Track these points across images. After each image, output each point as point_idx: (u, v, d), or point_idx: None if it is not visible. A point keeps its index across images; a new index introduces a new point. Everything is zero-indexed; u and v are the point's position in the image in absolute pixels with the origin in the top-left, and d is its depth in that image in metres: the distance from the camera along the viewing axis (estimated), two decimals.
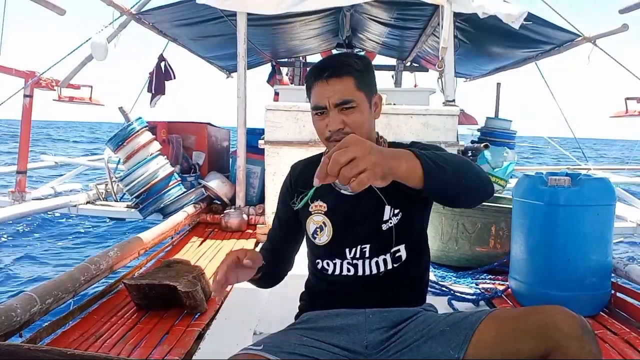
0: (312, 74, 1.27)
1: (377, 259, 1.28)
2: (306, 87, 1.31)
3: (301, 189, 1.37)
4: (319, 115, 1.27)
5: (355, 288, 1.29)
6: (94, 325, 2.01)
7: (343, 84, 1.22)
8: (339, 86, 1.22)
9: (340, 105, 1.22)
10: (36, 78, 4.63)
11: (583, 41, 4.50)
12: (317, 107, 1.26)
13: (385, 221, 1.27)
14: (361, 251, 1.28)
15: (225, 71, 7.46)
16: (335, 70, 1.23)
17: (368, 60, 1.32)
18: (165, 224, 3.32)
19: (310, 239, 1.36)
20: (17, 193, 4.64)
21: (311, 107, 1.28)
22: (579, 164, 7.07)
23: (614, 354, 1.83)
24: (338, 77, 1.22)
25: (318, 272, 1.35)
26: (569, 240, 2.17)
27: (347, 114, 1.23)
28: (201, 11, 4.30)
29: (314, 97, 1.27)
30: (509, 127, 5.20)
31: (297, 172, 1.43)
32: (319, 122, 1.27)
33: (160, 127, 4.60)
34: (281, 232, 1.46)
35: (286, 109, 3.64)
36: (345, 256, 1.29)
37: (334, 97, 1.22)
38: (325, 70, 1.24)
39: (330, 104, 1.23)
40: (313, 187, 0.95)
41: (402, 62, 7.81)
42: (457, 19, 4.29)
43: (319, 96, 1.24)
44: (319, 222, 1.33)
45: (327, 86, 1.23)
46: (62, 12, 4.26)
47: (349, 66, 1.23)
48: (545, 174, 2.28)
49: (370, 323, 1.25)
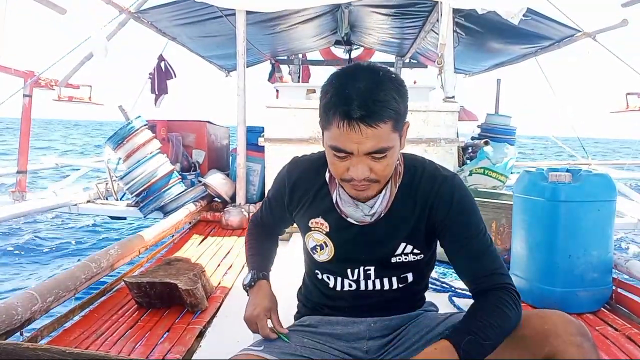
0: (338, 109, 0.99)
1: (381, 280, 1.21)
2: (323, 113, 1.04)
3: (298, 199, 1.24)
4: (338, 156, 1.04)
5: (357, 301, 1.23)
6: (95, 324, 2.01)
7: (379, 130, 0.98)
8: (373, 133, 0.98)
9: (371, 154, 1.02)
10: (35, 78, 4.63)
11: (583, 36, 4.48)
12: (340, 150, 1.03)
13: (396, 255, 1.18)
14: (365, 272, 1.20)
15: (225, 70, 7.46)
16: (371, 114, 0.97)
17: (403, 83, 1.06)
18: (166, 222, 3.32)
19: (309, 252, 1.26)
20: (17, 192, 4.64)
21: (328, 143, 1.05)
22: (578, 158, 7.06)
23: (615, 350, 1.83)
24: (374, 122, 0.98)
25: (318, 282, 1.27)
26: (569, 236, 2.16)
27: (377, 161, 1.03)
28: (200, 9, 4.29)
29: (335, 137, 1.02)
30: (509, 123, 5.20)
31: (294, 178, 1.25)
32: (338, 162, 1.05)
33: (160, 126, 4.59)
34: (274, 220, 1.39)
35: (286, 106, 3.64)
36: (347, 275, 1.21)
37: (366, 145, 0.99)
38: (358, 110, 0.97)
39: (359, 152, 1.01)
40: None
41: (401, 59, 7.79)
42: (456, 15, 4.27)
43: (345, 140, 1.00)
44: (320, 240, 1.21)
45: (359, 131, 0.98)
46: (62, 12, 4.26)
47: (388, 108, 0.99)
48: (545, 170, 2.27)
49: (372, 331, 1.24)
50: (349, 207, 1.15)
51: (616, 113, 5.38)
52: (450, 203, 1.14)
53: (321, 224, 1.20)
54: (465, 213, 1.15)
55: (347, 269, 1.21)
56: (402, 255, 1.18)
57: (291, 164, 1.28)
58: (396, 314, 1.25)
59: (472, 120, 6.34)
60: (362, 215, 1.14)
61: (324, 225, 1.20)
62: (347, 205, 1.15)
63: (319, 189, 1.21)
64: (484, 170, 4.35)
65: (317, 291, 1.29)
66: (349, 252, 1.20)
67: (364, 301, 1.23)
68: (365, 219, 1.15)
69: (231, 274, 2.75)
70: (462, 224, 1.14)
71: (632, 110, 5.10)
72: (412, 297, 1.28)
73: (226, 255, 3.13)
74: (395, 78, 1.03)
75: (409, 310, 1.26)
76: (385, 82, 1.01)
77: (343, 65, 1.15)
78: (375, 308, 1.23)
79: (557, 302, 2.13)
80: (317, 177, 1.21)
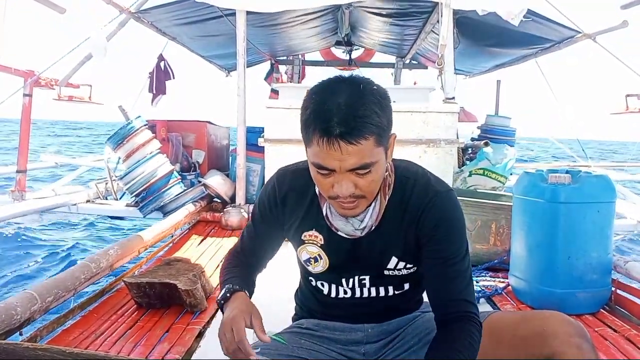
0: (317, 126, 0.96)
1: (377, 288, 1.20)
2: (304, 130, 1.00)
3: (290, 212, 1.19)
4: (321, 173, 1.01)
5: (354, 309, 1.22)
6: (94, 324, 2.00)
7: (360, 147, 0.95)
8: (354, 149, 0.95)
9: (354, 170, 0.98)
10: (35, 77, 4.62)
11: (583, 38, 4.49)
12: (322, 168, 0.99)
13: (388, 269, 1.17)
14: (360, 282, 1.19)
15: (225, 70, 7.46)
16: (351, 131, 0.94)
17: (386, 94, 1.01)
18: (165, 222, 3.32)
19: (302, 263, 1.23)
20: (17, 192, 4.64)
21: (310, 160, 1.01)
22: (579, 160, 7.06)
23: (615, 352, 1.83)
24: (355, 139, 0.94)
25: (312, 288, 1.26)
26: (569, 237, 2.16)
27: (362, 176, 0.99)
28: (200, 10, 4.29)
29: (317, 154, 0.98)
30: (509, 124, 5.20)
31: (285, 190, 1.19)
32: (322, 179, 1.02)
33: (159, 126, 4.59)
34: (258, 245, 1.27)
35: (286, 106, 3.64)
36: (342, 284, 1.20)
37: (348, 162, 0.96)
38: (337, 127, 0.93)
39: (342, 169, 0.98)
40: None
41: (402, 60, 7.80)
42: (457, 16, 4.28)
43: (326, 158, 0.97)
44: (314, 253, 1.19)
45: (338, 149, 0.95)
46: (62, 11, 4.26)
47: (369, 124, 0.95)
48: (545, 172, 2.27)
49: (370, 337, 1.23)
50: (339, 221, 1.12)
51: (616, 115, 5.38)
52: (437, 220, 1.10)
53: (315, 237, 1.18)
54: (451, 234, 1.11)
55: (342, 278, 1.20)
56: (395, 270, 1.17)
57: (279, 176, 1.22)
58: (394, 319, 1.24)
59: (472, 121, 6.35)
60: (352, 230, 1.12)
61: (318, 237, 1.17)
62: (337, 219, 1.13)
63: (310, 202, 1.17)
64: (483, 171, 4.36)
65: (312, 297, 1.28)
66: (342, 264, 1.18)
67: (360, 309, 1.22)
68: (356, 233, 1.13)
69: None
70: (445, 245, 1.11)
71: (631, 112, 5.10)
72: (409, 302, 1.27)
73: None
74: (376, 90, 0.99)
75: (406, 314, 1.26)
76: (366, 95, 0.97)
77: (343, 66, 1.11)
78: (372, 315, 1.22)
79: (556, 303, 2.13)
80: (307, 189, 1.17)
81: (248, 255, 1.29)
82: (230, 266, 1.28)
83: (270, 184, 1.22)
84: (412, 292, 1.24)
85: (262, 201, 1.23)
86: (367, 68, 8.28)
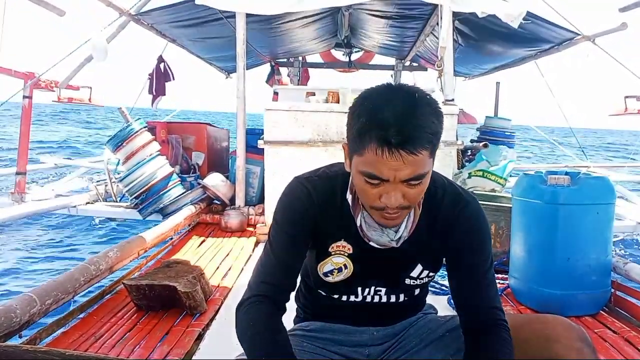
0: (375, 133, 0.91)
1: (389, 296, 1.19)
2: (356, 137, 0.95)
3: (320, 221, 1.11)
4: (371, 183, 0.97)
5: (360, 312, 1.21)
6: (94, 326, 2.00)
7: (419, 157, 0.92)
8: (412, 160, 0.92)
9: (407, 181, 0.95)
10: (35, 79, 4.63)
11: (582, 40, 4.50)
12: (374, 177, 0.95)
13: (411, 277, 1.16)
14: (375, 291, 1.18)
15: (225, 72, 7.47)
16: (411, 140, 0.91)
17: (438, 104, 0.99)
18: (165, 224, 3.32)
19: (319, 275, 1.16)
20: (16, 194, 4.64)
21: (360, 169, 0.97)
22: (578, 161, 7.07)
23: (614, 353, 1.83)
24: (415, 149, 0.91)
25: (319, 293, 1.22)
26: (568, 239, 2.17)
27: (412, 187, 0.96)
28: (200, 12, 4.30)
29: (370, 163, 0.94)
30: (508, 126, 5.21)
31: (315, 198, 1.11)
32: (370, 189, 0.97)
33: (159, 128, 4.60)
34: (291, 260, 1.12)
35: (285, 109, 3.65)
36: (357, 293, 1.18)
37: (404, 172, 0.93)
38: (398, 136, 0.90)
39: (395, 179, 0.94)
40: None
41: (401, 62, 7.81)
42: (456, 18, 4.28)
43: (382, 167, 0.93)
44: (339, 263, 1.14)
45: (399, 158, 0.91)
46: (61, 13, 4.27)
47: (429, 133, 0.92)
48: (544, 173, 2.28)
49: (375, 339, 1.23)
50: (374, 231, 1.09)
51: (615, 116, 5.39)
52: (469, 229, 1.11)
53: (343, 247, 1.13)
54: (482, 242, 1.12)
55: (357, 288, 1.18)
56: (417, 279, 1.17)
57: (305, 185, 1.12)
58: (399, 322, 1.24)
59: (471, 123, 6.36)
60: (387, 240, 1.09)
61: (347, 247, 1.13)
62: (371, 229, 1.09)
63: (340, 212, 1.12)
64: (482, 173, 4.37)
65: (317, 301, 1.25)
66: (366, 275, 1.16)
67: (367, 313, 1.21)
68: (391, 243, 1.10)
69: (230, 276, 2.74)
70: (477, 253, 1.12)
71: (630, 113, 5.11)
72: (417, 307, 1.28)
73: (225, 257, 3.13)
74: (431, 100, 0.97)
75: (411, 316, 1.26)
76: (423, 105, 0.94)
77: (343, 69, 1.09)
78: (379, 318, 1.22)
79: (556, 305, 2.13)
80: (336, 198, 1.12)
81: (281, 287, 1.12)
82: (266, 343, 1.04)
83: (298, 191, 1.12)
84: (420, 297, 1.25)
85: (291, 209, 1.12)
86: (367, 70, 8.30)
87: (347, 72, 8.22)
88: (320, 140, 3.62)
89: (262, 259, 1.14)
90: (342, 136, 3.61)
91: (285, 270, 1.11)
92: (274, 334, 1.05)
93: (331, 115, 3.61)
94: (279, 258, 1.11)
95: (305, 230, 1.11)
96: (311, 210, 1.10)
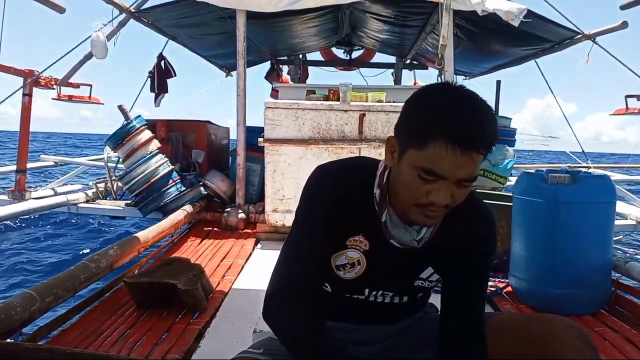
0: (447, 130, 0.91)
1: (393, 297, 1.18)
2: (422, 131, 0.94)
3: (343, 213, 1.09)
4: (425, 179, 0.95)
5: (363, 311, 1.20)
6: (94, 324, 2.00)
7: (479, 159, 0.94)
8: (474, 160, 0.93)
9: (462, 182, 0.95)
10: (35, 77, 4.62)
11: (583, 39, 4.49)
12: (432, 174, 0.94)
13: (420, 279, 1.16)
14: (382, 295, 1.17)
15: (225, 69, 7.45)
16: (482, 141, 0.92)
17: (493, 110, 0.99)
18: (165, 222, 3.32)
19: (332, 266, 1.14)
20: (16, 192, 4.63)
21: (417, 164, 0.94)
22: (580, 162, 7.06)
23: (615, 352, 1.83)
24: (483, 150, 0.93)
25: (324, 289, 1.19)
26: (569, 238, 2.17)
27: (462, 188, 0.96)
28: (200, 9, 4.29)
29: (433, 159, 0.93)
30: (508, 124, 5.20)
31: (343, 188, 1.10)
32: (421, 185, 0.96)
33: (159, 125, 4.59)
34: (316, 264, 1.10)
35: (286, 106, 3.64)
36: (363, 293, 1.17)
37: (463, 171, 0.93)
38: (475, 136, 0.91)
39: (453, 178, 0.94)
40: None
41: (402, 60, 7.80)
42: (457, 17, 4.28)
43: (445, 164, 0.92)
44: (354, 258, 1.12)
45: (469, 157, 0.92)
46: (62, 11, 4.26)
47: (493, 137, 0.95)
48: (545, 172, 2.28)
49: (377, 337, 1.23)
50: (397, 229, 1.07)
51: (616, 115, 5.39)
52: (485, 237, 1.12)
53: (360, 242, 1.11)
54: (492, 251, 1.14)
55: (365, 288, 1.16)
56: (425, 281, 1.16)
57: (329, 175, 1.12)
58: (401, 321, 1.24)
59: None
60: (410, 240, 1.08)
61: (364, 243, 1.11)
62: (396, 227, 1.07)
63: (364, 206, 1.09)
64: (483, 172, 4.36)
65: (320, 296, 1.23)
66: (377, 274, 1.14)
67: (369, 311, 1.20)
68: (413, 243, 1.08)
69: (230, 274, 2.74)
70: (485, 260, 1.13)
71: (631, 113, 5.11)
72: (420, 307, 1.28)
73: (225, 255, 3.13)
74: (487, 103, 0.97)
75: (413, 316, 1.26)
76: (487, 108, 0.95)
77: (344, 66, 1.06)
78: (381, 317, 1.22)
79: (557, 304, 2.13)
80: (362, 192, 1.10)
81: (317, 278, 1.12)
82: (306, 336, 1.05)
83: (323, 180, 1.11)
84: (423, 298, 1.25)
85: (317, 197, 1.10)
86: (368, 68, 8.29)
87: (346, 70, 8.22)
88: (321, 138, 3.62)
89: (289, 248, 1.12)
90: (342, 134, 3.61)
91: (316, 259, 1.09)
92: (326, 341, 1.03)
93: (331, 113, 3.61)
94: (309, 246, 1.09)
95: (329, 219, 1.09)
96: (334, 200, 1.08)
